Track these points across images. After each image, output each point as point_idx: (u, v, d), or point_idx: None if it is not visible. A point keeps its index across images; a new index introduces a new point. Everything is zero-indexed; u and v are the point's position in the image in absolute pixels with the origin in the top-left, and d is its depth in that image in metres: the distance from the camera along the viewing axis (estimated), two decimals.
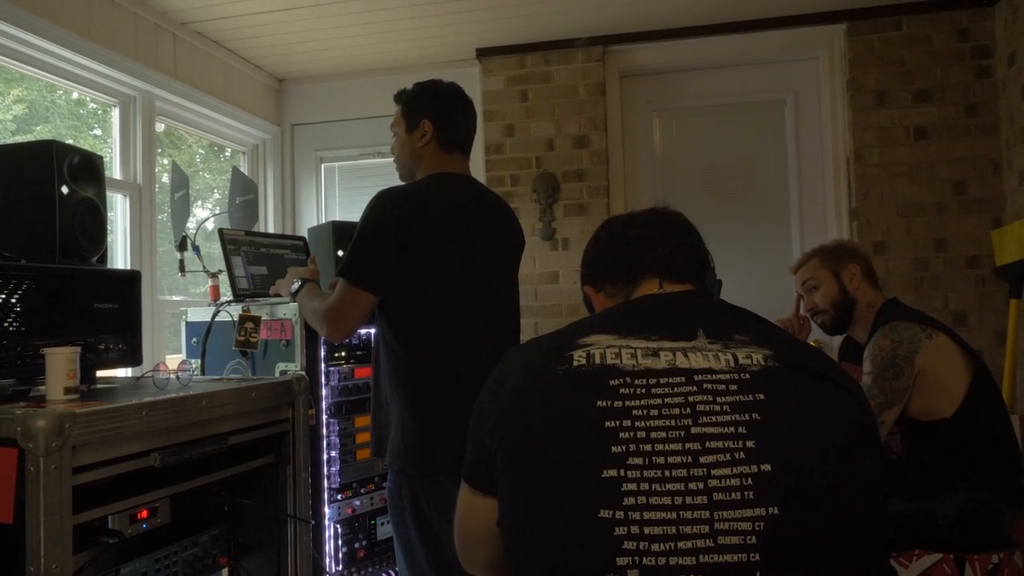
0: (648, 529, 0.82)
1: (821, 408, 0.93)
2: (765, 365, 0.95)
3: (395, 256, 1.82)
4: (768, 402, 0.90)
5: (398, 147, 2.06)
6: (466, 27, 3.46)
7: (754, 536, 0.81)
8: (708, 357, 0.96)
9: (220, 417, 1.69)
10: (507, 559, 0.95)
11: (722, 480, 0.84)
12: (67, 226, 1.87)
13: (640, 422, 0.89)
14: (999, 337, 3.13)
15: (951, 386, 1.95)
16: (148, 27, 3.14)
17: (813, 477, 0.86)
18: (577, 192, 3.62)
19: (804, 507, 0.83)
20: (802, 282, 2.27)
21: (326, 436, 2.48)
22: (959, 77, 3.28)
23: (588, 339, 1.01)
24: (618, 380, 0.94)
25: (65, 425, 1.28)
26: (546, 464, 0.91)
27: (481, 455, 1.02)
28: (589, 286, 1.26)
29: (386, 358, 1.88)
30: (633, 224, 1.23)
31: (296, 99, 4.14)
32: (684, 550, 0.81)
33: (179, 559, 1.76)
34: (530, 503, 0.92)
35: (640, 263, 1.17)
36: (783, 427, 0.89)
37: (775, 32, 3.50)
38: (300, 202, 4.16)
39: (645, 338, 1.00)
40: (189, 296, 3.56)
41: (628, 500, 0.84)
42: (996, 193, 3.22)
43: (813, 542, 0.83)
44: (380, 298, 1.84)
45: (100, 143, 3.29)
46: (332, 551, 2.47)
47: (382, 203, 1.87)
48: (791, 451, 0.87)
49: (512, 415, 0.98)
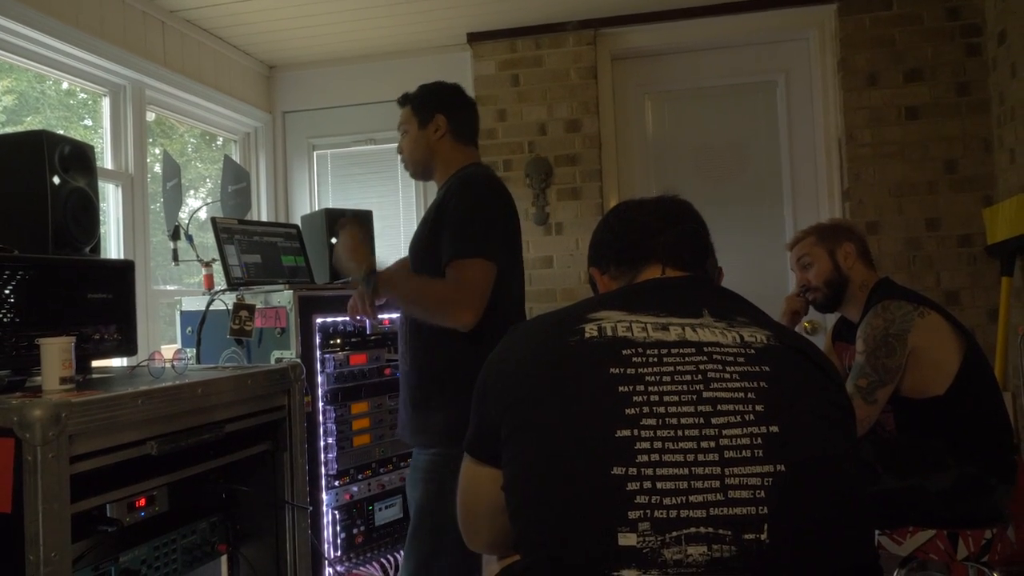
0: (661, 484, 0.86)
1: (814, 385, 0.99)
2: (767, 343, 1.00)
3: (504, 235, 1.90)
4: (772, 374, 0.95)
5: (410, 144, 2.06)
6: (456, 11, 3.44)
7: (763, 490, 0.85)
8: (715, 332, 1.00)
9: (216, 405, 1.70)
10: (513, 521, 0.97)
11: (733, 439, 0.88)
12: (59, 217, 1.87)
13: (653, 387, 0.93)
14: (991, 315, 3.15)
15: (943, 364, 1.97)
16: (136, 15, 3.11)
17: (815, 441, 0.91)
18: (570, 176, 3.62)
19: (808, 466, 0.89)
20: (797, 258, 2.28)
21: (323, 423, 2.48)
22: (950, 56, 3.28)
23: (598, 314, 1.04)
24: (630, 350, 0.97)
25: (61, 414, 1.28)
26: (557, 426, 0.94)
27: (485, 425, 1.05)
28: (595, 267, 1.29)
29: (438, 340, 1.86)
30: (642, 210, 1.26)
31: (287, 86, 4.12)
32: (695, 503, 0.85)
33: (178, 546, 1.78)
34: (539, 464, 0.94)
35: (645, 248, 1.20)
36: (787, 396, 0.94)
37: (766, 13, 3.49)
38: (293, 190, 4.14)
39: (654, 314, 1.03)
40: (184, 285, 3.56)
41: (641, 458, 0.88)
42: (987, 171, 3.23)
43: (816, 498, 0.88)
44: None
45: (91, 133, 3.27)
46: (330, 537, 2.48)
47: (490, 183, 1.94)
48: (795, 416, 0.92)
49: (520, 383, 1.01)
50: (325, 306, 2.48)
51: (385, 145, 3.99)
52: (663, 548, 0.84)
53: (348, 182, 4.10)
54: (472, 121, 2.07)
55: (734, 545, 0.83)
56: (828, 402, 0.97)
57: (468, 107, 2.08)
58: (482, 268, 1.80)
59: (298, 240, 2.87)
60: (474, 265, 1.80)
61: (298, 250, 2.85)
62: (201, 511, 1.89)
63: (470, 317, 1.79)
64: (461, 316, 1.78)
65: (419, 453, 1.92)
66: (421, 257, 1.94)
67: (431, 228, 1.89)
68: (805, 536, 0.86)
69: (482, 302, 1.80)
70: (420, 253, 1.95)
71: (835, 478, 0.91)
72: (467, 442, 1.11)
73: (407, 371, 1.95)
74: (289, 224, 3.13)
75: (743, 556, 0.83)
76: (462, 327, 1.80)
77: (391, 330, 2.70)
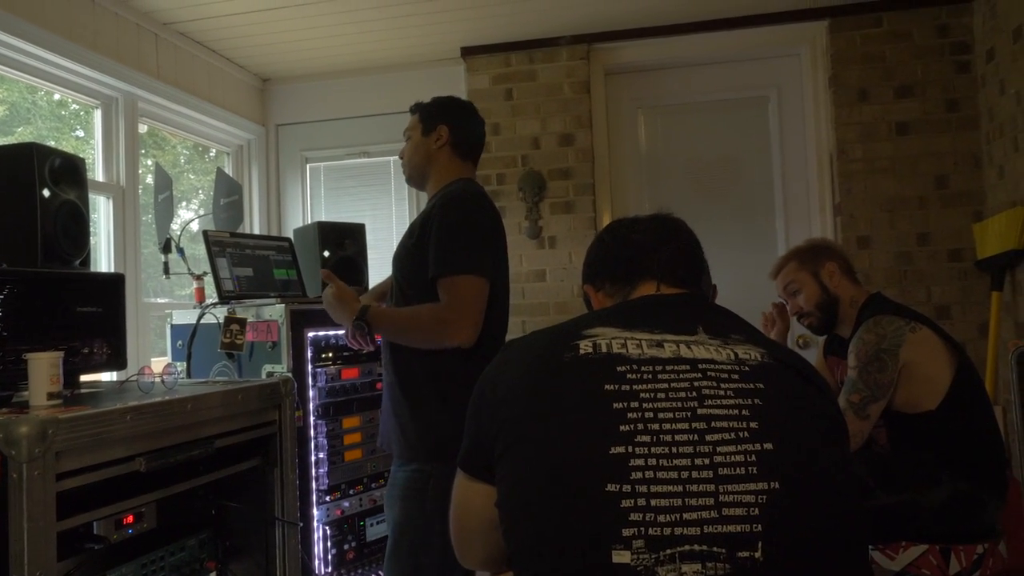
0: (655, 501, 0.86)
1: (808, 401, 0.99)
2: (762, 361, 1.00)
3: (493, 251, 1.90)
4: (767, 391, 0.95)
5: (411, 149, 2.08)
6: (450, 26, 3.46)
7: (757, 508, 0.85)
8: (710, 350, 1.00)
9: (206, 420, 1.69)
10: (507, 539, 0.97)
11: (727, 456, 0.88)
12: (49, 229, 1.86)
13: (648, 404, 0.93)
14: (982, 329, 3.17)
15: (935, 379, 1.97)
16: (130, 27, 3.11)
17: (809, 458, 0.91)
18: (563, 190, 3.62)
19: (802, 483, 0.89)
20: (783, 287, 2.27)
21: (314, 438, 2.47)
22: (939, 73, 3.31)
23: (593, 330, 1.04)
24: (625, 367, 0.97)
25: (48, 431, 1.27)
26: (552, 443, 0.94)
27: (479, 441, 1.05)
28: (589, 285, 1.29)
29: (422, 352, 1.85)
30: (635, 228, 1.26)
31: (281, 99, 4.12)
32: (689, 521, 0.85)
33: (166, 564, 1.75)
34: (534, 480, 0.94)
35: (640, 266, 1.21)
36: (781, 413, 0.94)
37: (758, 29, 3.52)
38: (285, 203, 4.14)
39: (648, 331, 1.03)
40: (175, 298, 3.54)
41: (636, 475, 0.87)
42: (977, 187, 3.25)
43: (810, 515, 0.88)
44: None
45: (84, 145, 3.26)
46: (321, 553, 2.46)
47: (476, 200, 1.93)
48: (789, 434, 0.92)
49: (515, 399, 1.01)
50: (317, 320, 2.46)
51: (379, 158, 3.99)
52: (657, 566, 0.83)
53: (341, 195, 4.09)
54: (474, 138, 2.08)
55: (728, 563, 0.83)
56: (822, 417, 0.98)
57: (474, 124, 2.09)
58: (475, 284, 1.80)
59: (290, 253, 2.86)
60: (467, 281, 1.79)
61: (290, 263, 2.84)
62: (190, 528, 1.87)
63: (470, 333, 1.78)
64: (459, 334, 1.77)
65: (397, 469, 1.89)
66: (406, 268, 1.93)
67: (417, 241, 1.88)
68: (799, 554, 0.86)
69: (479, 317, 1.80)
70: (405, 264, 1.94)
71: (829, 495, 0.90)
72: (460, 458, 1.10)
73: (390, 382, 1.94)
74: (281, 237, 3.12)
75: (737, 574, 0.83)
76: (463, 344, 1.78)
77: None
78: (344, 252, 2.96)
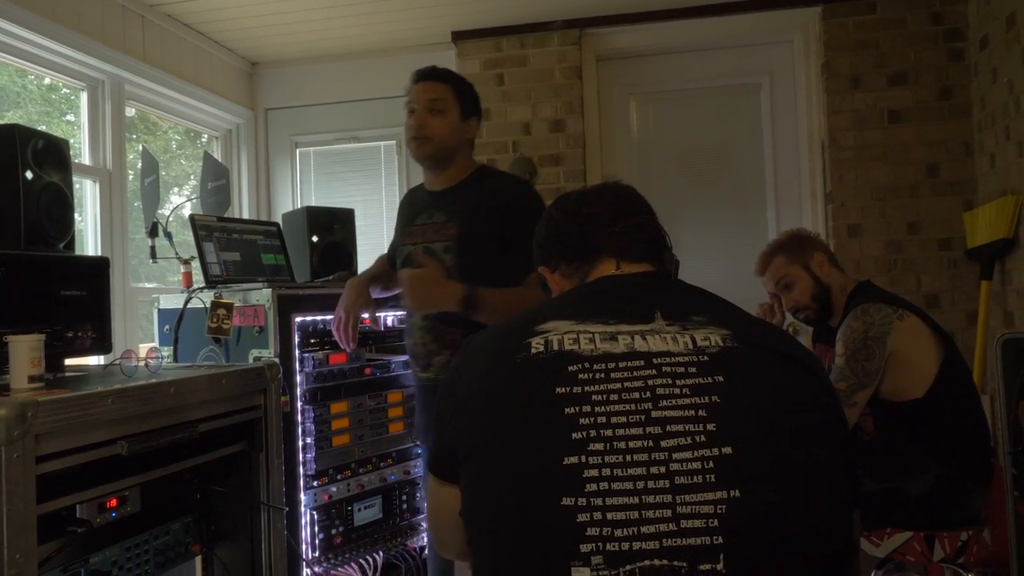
0: (611, 515, 0.82)
1: (787, 388, 0.93)
2: (724, 346, 0.95)
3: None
4: (728, 384, 0.90)
5: (448, 127, 2.03)
6: (441, 9, 3.43)
7: (716, 519, 0.81)
8: (666, 340, 0.95)
9: (190, 404, 1.67)
10: (471, 548, 0.95)
11: (683, 464, 0.84)
12: (32, 212, 1.83)
13: (600, 407, 0.89)
14: (971, 318, 3.17)
15: (922, 367, 1.97)
16: (115, 9, 3.07)
17: (778, 458, 0.86)
18: (554, 176, 3.61)
19: (766, 488, 0.84)
20: (775, 282, 2.24)
21: (301, 423, 2.46)
22: (932, 60, 3.30)
23: (546, 325, 1.01)
24: (577, 366, 0.93)
25: (27, 413, 1.25)
26: (507, 454, 0.91)
27: (443, 445, 1.03)
28: (544, 266, 1.24)
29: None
30: (585, 201, 1.20)
31: (270, 83, 4.09)
32: (647, 534, 0.81)
33: (150, 547, 1.75)
34: (492, 493, 0.91)
35: (596, 242, 1.15)
36: (744, 409, 0.89)
37: (751, 15, 3.50)
38: (275, 187, 4.11)
39: (603, 322, 0.99)
40: (165, 284, 3.52)
41: (590, 487, 0.84)
42: (968, 176, 3.25)
43: (776, 523, 0.83)
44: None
45: (74, 128, 3.23)
46: (308, 538, 2.46)
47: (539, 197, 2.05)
48: (753, 433, 0.87)
49: (471, 405, 0.98)
50: (305, 305, 2.45)
51: (368, 143, 3.96)
52: None
53: (331, 180, 4.07)
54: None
55: None
56: (807, 405, 0.92)
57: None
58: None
59: (279, 238, 2.84)
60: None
61: (279, 248, 2.82)
62: (175, 512, 1.86)
63: None
64: None
65: None
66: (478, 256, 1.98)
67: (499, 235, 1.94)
68: (765, 565, 0.82)
69: None
70: (477, 253, 1.98)
71: (798, 501, 0.84)
72: (429, 461, 1.10)
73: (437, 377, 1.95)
74: (270, 222, 3.10)
75: None
76: None
77: (371, 329, 2.67)
78: (332, 237, 2.94)
